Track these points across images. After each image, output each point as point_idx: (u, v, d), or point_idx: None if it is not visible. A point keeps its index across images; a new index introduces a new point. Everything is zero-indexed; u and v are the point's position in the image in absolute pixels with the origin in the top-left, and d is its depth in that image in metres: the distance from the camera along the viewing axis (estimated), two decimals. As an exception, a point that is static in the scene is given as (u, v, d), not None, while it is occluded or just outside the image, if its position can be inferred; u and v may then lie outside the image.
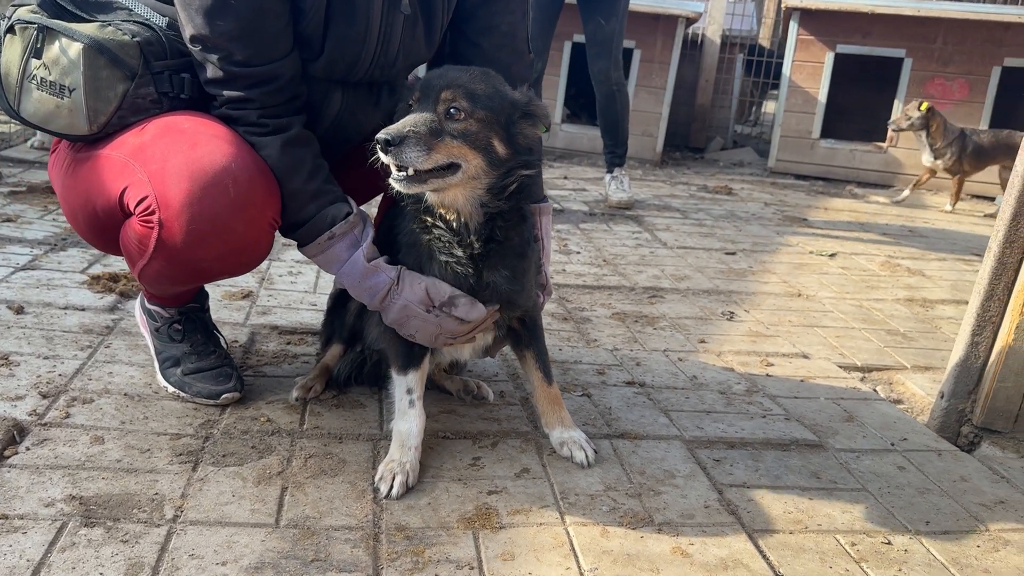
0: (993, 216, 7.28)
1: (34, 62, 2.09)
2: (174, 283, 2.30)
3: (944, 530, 2.11)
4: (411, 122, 1.92)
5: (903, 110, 7.54)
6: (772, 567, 1.88)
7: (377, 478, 2.05)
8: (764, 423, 2.62)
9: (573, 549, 1.88)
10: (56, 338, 2.69)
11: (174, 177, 1.99)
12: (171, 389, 2.40)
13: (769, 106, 13.02)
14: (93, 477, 1.96)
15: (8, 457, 2.00)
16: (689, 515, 2.05)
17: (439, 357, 2.36)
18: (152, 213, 2.01)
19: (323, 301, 3.35)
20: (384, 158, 1.90)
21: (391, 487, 2.02)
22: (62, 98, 2.09)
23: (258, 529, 1.84)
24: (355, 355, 2.59)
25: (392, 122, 2.02)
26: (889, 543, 2.03)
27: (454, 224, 2.06)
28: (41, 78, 2.09)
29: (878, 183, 8.58)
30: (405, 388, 2.20)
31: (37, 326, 2.77)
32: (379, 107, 2.39)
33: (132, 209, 2.06)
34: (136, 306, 2.63)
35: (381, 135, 1.86)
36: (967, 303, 4.38)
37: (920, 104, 7.27)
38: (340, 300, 2.60)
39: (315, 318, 3.18)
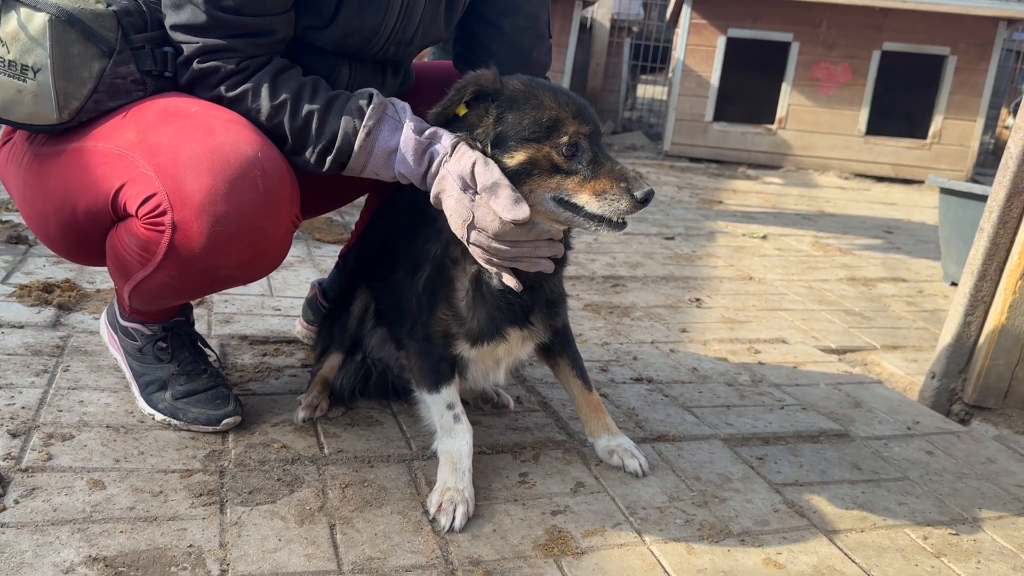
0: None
1: None
2: (179, 296, 1.99)
3: (997, 515, 2.10)
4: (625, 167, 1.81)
5: None
6: (864, 570, 1.81)
7: (434, 509, 1.83)
8: (785, 415, 2.56)
9: (666, 571, 1.74)
10: (2, 363, 2.29)
11: (191, 170, 1.68)
12: (160, 417, 2.08)
13: (643, 90, 13.27)
14: (109, 531, 1.65)
15: (-5, 515, 1.66)
16: (763, 521, 1.95)
17: (470, 383, 2.15)
18: (162, 214, 1.70)
19: (285, 304, 3.07)
20: (631, 214, 1.77)
21: (453, 519, 1.80)
22: (24, 80, 1.75)
23: (323, 579, 1.60)
24: (357, 365, 2.34)
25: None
26: (956, 534, 2.00)
27: None
28: None
29: (768, 164, 8.86)
30: (445, 404, 1.99)
31: (-27, 350, 2.36)
32: (385, 87, 2.15)
33: (132, 210, 1.74)
34: (102, 322, 2.28)
35: (650, 192, 1.74)
36: (903, 280, 4.55)
37: None
38: (340, 305, 2.34)
39: (283, 325, 2.89)
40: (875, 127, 8.67)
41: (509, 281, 1.83)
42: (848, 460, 2.31)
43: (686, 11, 8.67)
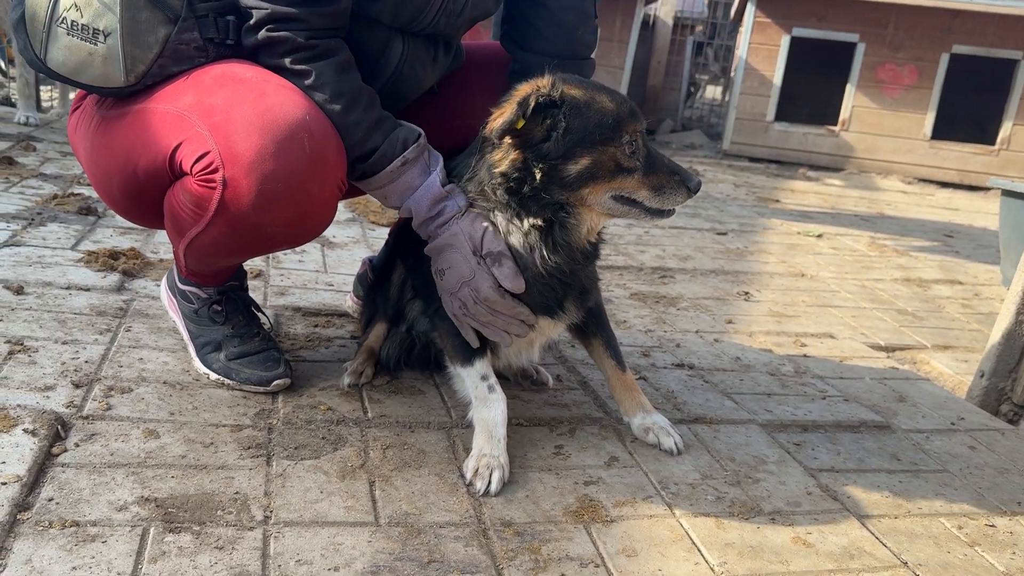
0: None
1: (63, 2, 1.84)
2: (228, 255, 2.08)
3: (1038, 511, 2.08)
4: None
5: None
6: (894, 554, 1.81)
7: (470, 473, 1.89)
8: (826, 405, 2.56)
9: (694, 543, 1.77)
10: (69, 321, 2.42)
11: (242, 130, 1.77)
12: (214, 376, 2.18)
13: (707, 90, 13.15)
14: (161, 476, 1.75)
15: (58, 455, 1.77)
16: (795, 503, 1.97)
17: (503, 361, 2.19)
18: (214, 171, 1.79)
19: (338, 280, 3.16)
20: (683, 204, 1.93)
21: (489, 483, 1.86)
22: (95, 44, 1.84)
23: (360, 528, 1.67)
24: (402, 337, 2.41)
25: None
26: (993, 526, 1.98)
27: (593, 243, 2.02)
28: (72, 21, 1.83)
29: (830, 166, 8.74)
30: (479, 376, 2.04)
31: (44, 308, 2.49)
32: (436, 63, 2.21)
33: (187, 168, 1.83)
34: (162, 288, 2.39)
35: (699, 182, 1.89)
36: (960, 283, 4.47)
37: None
38: (382, 276, 2.42)
39: (335, 299, 2.98)
40: (941, 131, 8.49)
41: (470, 339, 2.00)
42: (887, 451, 2.31)
43: (750, 9, 8.60)
